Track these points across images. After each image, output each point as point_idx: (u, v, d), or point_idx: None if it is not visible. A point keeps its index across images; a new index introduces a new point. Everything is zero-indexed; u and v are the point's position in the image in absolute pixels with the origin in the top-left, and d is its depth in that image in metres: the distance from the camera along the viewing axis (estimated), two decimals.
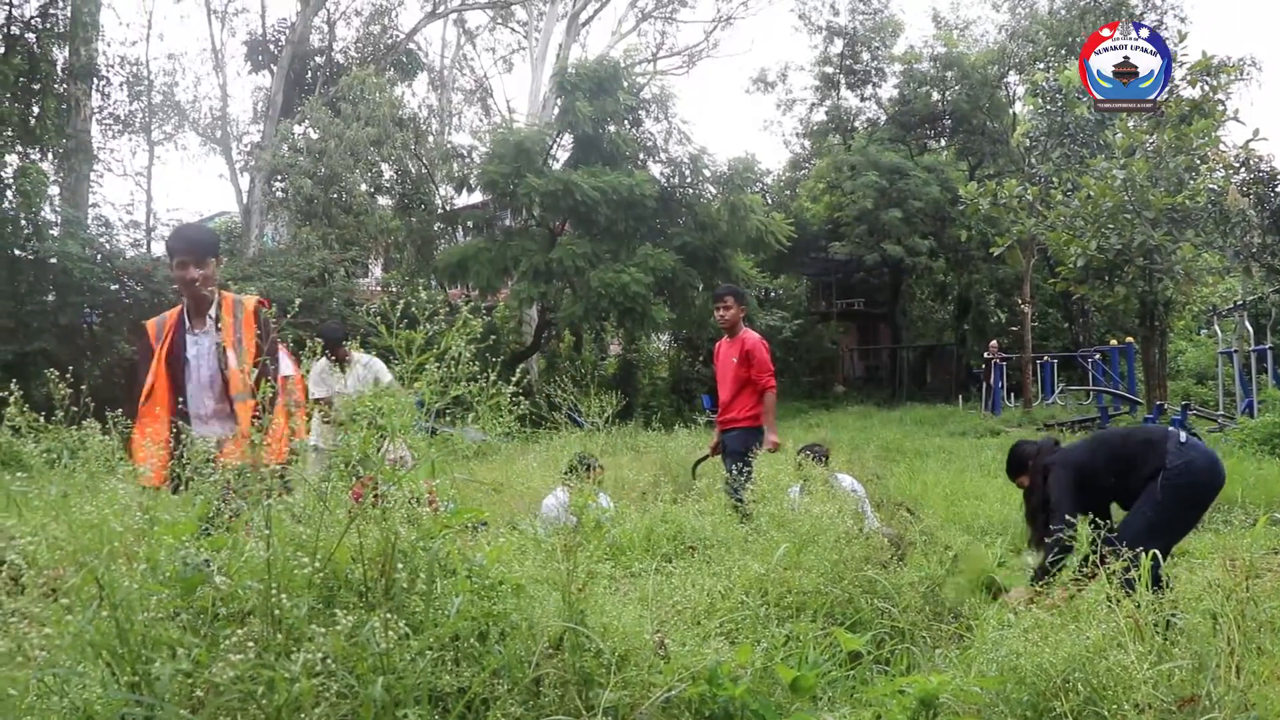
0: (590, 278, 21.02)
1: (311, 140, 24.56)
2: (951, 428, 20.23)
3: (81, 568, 2.45)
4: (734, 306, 7.88)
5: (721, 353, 8.09)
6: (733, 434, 7.72)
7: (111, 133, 28.42)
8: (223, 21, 32.88)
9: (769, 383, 7.74)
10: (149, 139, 29.43)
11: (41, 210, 20.05)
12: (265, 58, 29.78)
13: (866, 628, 4.25)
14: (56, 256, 18.85)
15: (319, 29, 30.54)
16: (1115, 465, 4.85)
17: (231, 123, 31.30)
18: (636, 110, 23.69)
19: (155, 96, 29.44)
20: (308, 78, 29.44)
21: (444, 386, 2.85)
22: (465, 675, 2.71)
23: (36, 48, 21.51)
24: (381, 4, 32.02)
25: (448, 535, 2.83)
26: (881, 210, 27.37)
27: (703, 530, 5.79)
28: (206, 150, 34.19)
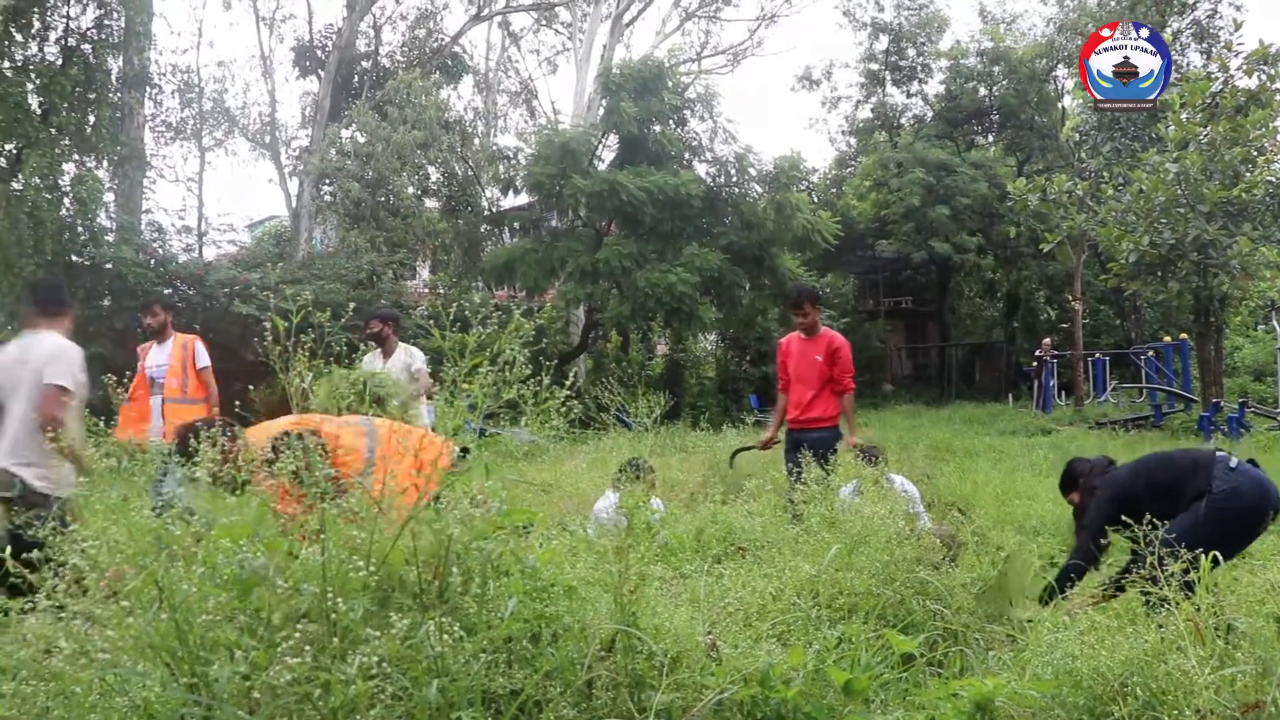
0: (637, 278, 21.00)
1: (359, 144, 24.74)
2: (1001, 426, 20.03)
3: (141, 570, 2.48)
4: (812, 311, 7.85)
5: (795, 349, 7.98)
6: (816, 434, 7.61)
7: (164, 140, 28.94)
8: (271, 28, 33.34)
9: (851, 384, 7.76)
10: (200, 145, 29.88)
11: (97, 217, 20.40)
12: (313, 63, 30.07)
13: (919, 630, 4.22)
14: (112, 262, 19.15)
15: (365, 34, 30.79)
16: (1158, 488, 4.75)
17: (280, 128, 31.69)
18: (681, 110, 23.62)
19: (206, 103, 29.88)
20: (354, 82, 29.67)
21: (497, 389, 2.86)
22: (518, 677, 2.71)
23: (92, 58, 21.85)
24: (426, 8, 32.25)
25: (500, 537, 2.84)
26: (929, 207, 27.13)
27: (753, 531, 5.78)
28: (256, 155, 34.55)
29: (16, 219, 18.38)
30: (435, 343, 2.99)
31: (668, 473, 9.00)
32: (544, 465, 10.12)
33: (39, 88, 20.14)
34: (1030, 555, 6.07)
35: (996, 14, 32.43)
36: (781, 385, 8.16)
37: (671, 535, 5.53)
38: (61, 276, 17.86)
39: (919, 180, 27.22)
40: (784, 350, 8.14)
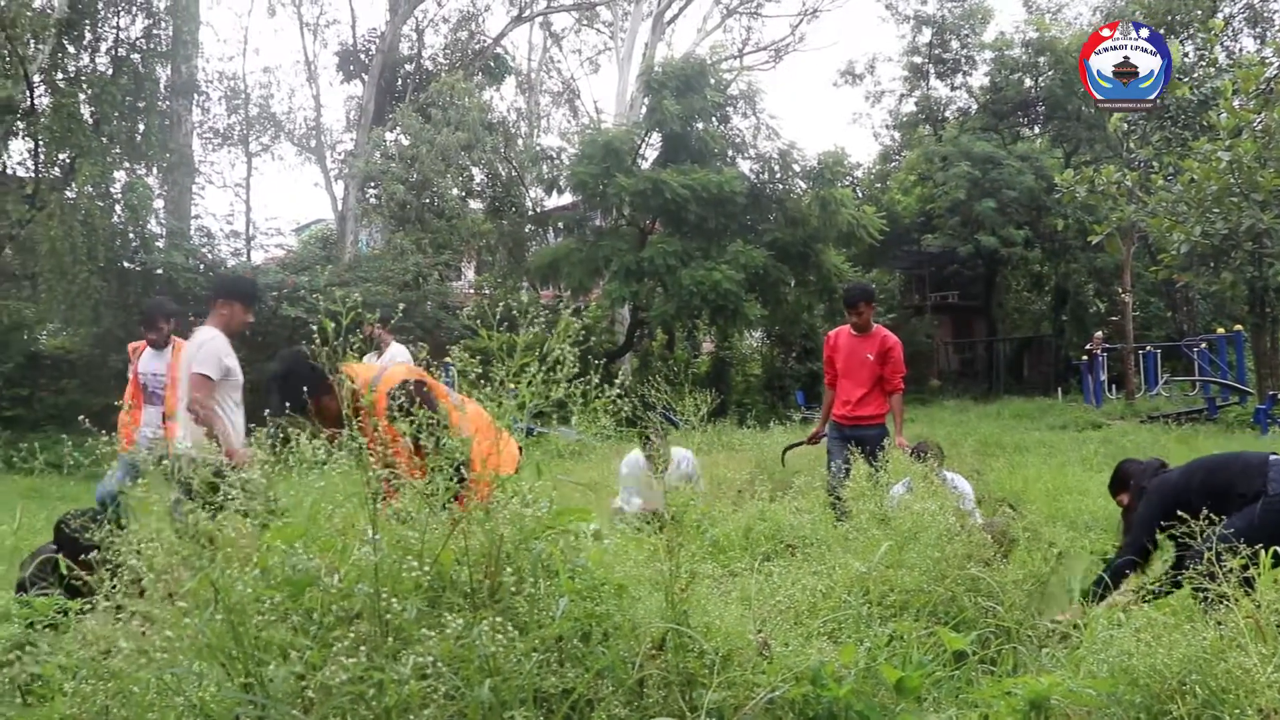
0: (681, 276, 20.98)
1: (403, 147, 24.93)
2: (1051, 421, 19.82)
3: (196, 571, 2.51)
4: (866, 310, 7.76)
5: (844, 344, 7.89)
6: (864, 431, 7.56)
7: (211, 146, 29.31)
8: (315, 34, 33.71)
9: (902, 384, 7.70)
10: (247, 151, 30.21)
11: (148, 223, 20.74)
12: (356, 67, 30.33)
13: (971, 627, 4.17)
14: (162, 267, 19.45)
15: (408, 37, 31.01)
16: (1210, 490, 4.67)
17: (325, 132, 32.00)
18: (724, 107, 23.58)
19: (252, 109, 30.23)
20: (398, 85, 29.89)
21: (546, 388, 2.87)
22: (570, 676, 2.71)
23: (141, 67, 22.21)
24: (468, 10, 32.42)
25: (550, 536, 2.84)
26: (974, 201, 26.89)
27: (801, 528, 5.75)
28: (302, 160, 34.98)
29: (70, 226, 18.69)
30: (481, 343, 3.00)
31: (715, 470, 8.98)
32: (591, 464, 10.14)
33: (90, 98, 20.50)
34: (1082, 551, 6.01)
35: (1041, 4, 32.15)
36: (828, 379, 8.08)
37: (720, 533, 5.52)
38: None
39: (964, 174, 26.98)
40: (831, 344, 8.04)
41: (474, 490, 2.87)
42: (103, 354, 18.89)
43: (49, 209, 18.92)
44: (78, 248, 18.67)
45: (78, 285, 18.97)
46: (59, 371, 19.70)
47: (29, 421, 17.49)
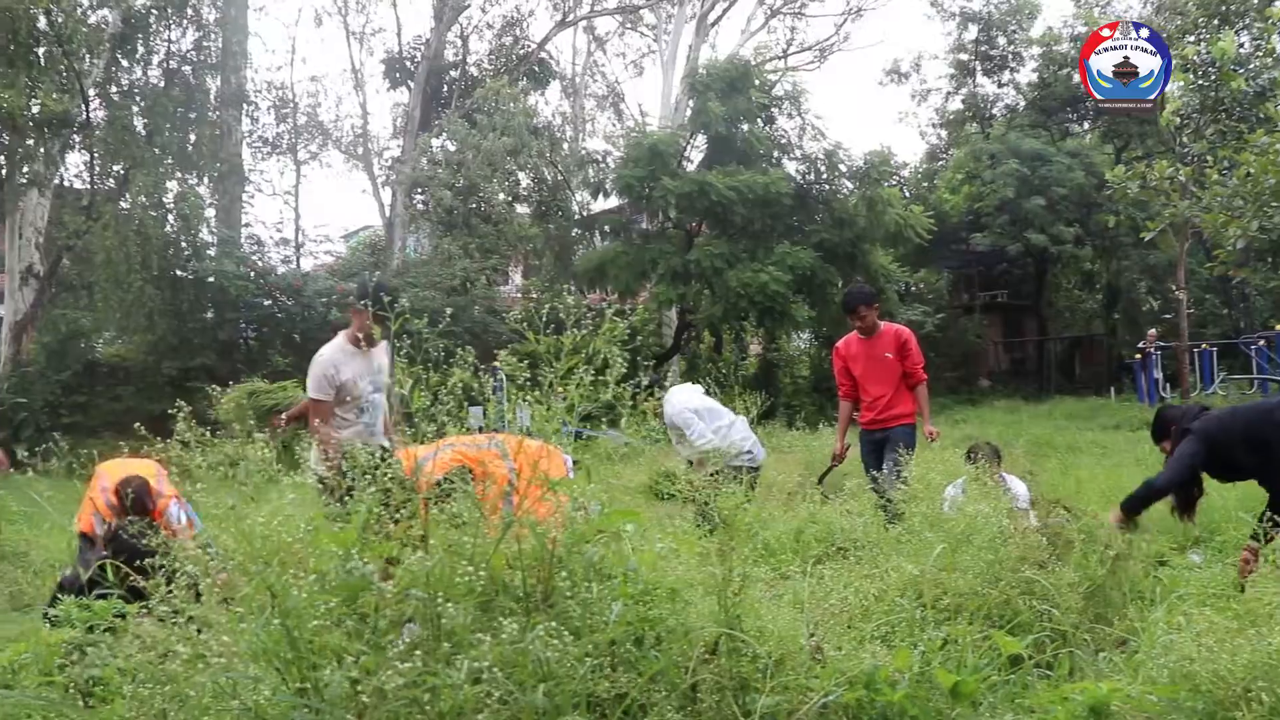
0: (728, 278, 20.93)
1: (450, 152, 25.09)
2: (1104, 421, 19.55)
3: (252, 576, 2.53)
4: (868, 313, 7.57)
5: (858, 351, 7.70)
6: (900, 430, 7.41)
7: (261, 155, 29.67)
8: (361, 42, 33.92)
9: (923, 375, 7.56)
10: (295, 159, 30.51)
11: (199, 232, 21.03)
12: (402, 75, 30.53)
13: (1026, 630, 4.11)
14: (214, 275, 19.69)
15: (453, 44, 31.19)
16: (1253, 442, 4.68)
17: (372, 139, 32.21)
18: (769, 108, 23.50)
19: (300, 118, 30.51)
20: (444, 92, 30.08)
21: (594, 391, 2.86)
22: (623, 681, 2.71)
23: (192, 79, 22.54)
24: (512, 16, 32.55)
25: (602, 540, 2.84)
26: (1023, 199, 26.57)
27: (853, 531, 5.71)
28: (350, 167, 35.27)
29: (125, 236, 19.00)
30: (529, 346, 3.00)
31: (764, 473, 8.92)
32: (640, 467, 10.13)
33: (143, 110, 20.83)
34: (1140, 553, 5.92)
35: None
36: (842, 392, 7.88)
37: (771, 536, 5.50)
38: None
39: (1013, 171, 26.69)
40: (842, 354, 7.85)
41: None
42: (157, 361, 19.17)
43: (104, 220, 19.24)
44: (132, 257, 18.97)
45: (132, 294, 19.28)
46: (115, 379, 20.00)
47: (87, 428, 17.75)
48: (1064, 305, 33.72)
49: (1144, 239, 18.21)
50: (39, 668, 3.78)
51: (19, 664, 3.88)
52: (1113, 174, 14.61)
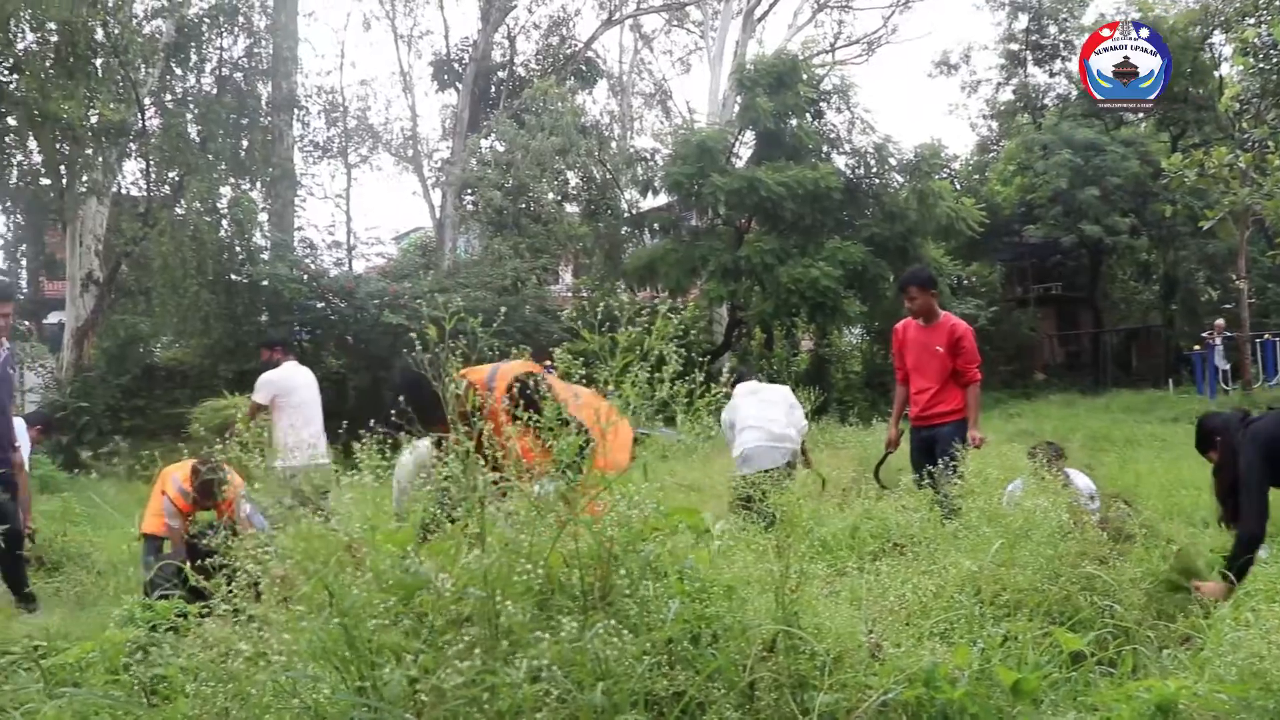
0: (779, 274, 20.87)
1: (499, 153, 25.19)
2: (1163, 413, 19.28)
3: (310, 575, 2.56)
4: (919, 295, 7.32)
5: (912, 337, 7.48)
6: (945, 429, 7.14)
7: (312, 159, 29.91)
8: (409, 45, 34.08)
9: (976, 374, 7.25)
10: (346, 162, 30.77)
11: (253, 236, 21.29)
12: (450, 76, 30.70)
13: (1087, 627, 4.05)
14: (268, 279, 19.91)
15: (500, 44, 31.30)
16: None
17: (421, 141, 32.38)
18: (817, 102, 23.38)
19: (350, 122, 30.76)
20: (492, 93, 30.21)
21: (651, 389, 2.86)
22: (680, 679, 2.70)
23: (244, 86, 22.82)
24: (559, 15, 32.63)
25: (658, 538, 2.84)
26: (1077, 189, 26.23)
27: (909, 527, 5.66)
28: (400, 169, 35.48)
29: (180, 242, 19.27)
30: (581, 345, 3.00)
31: (819, 469, 8.88)
32: (693, 464, 10.10)
33: (197, 117, 21.13)
34: (1202, 548, 5.82)
35: None
36: (899, 376, 7.69)
37: (827, 532, 5.47)
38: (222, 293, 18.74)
39: (1066, 161, 26.36)
40: (900, 337, 7.65)
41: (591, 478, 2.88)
42: (213, 364, 19.42)
43: (160, 226, 19.53)
44: (188, 262, 19.23)
45: (188, 298, 19.54)
46: (173, 382, 20.28)
47: (146, 431, 18.01)
48: (1120, 297, 33.27)
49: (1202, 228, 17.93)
50: (105, 666, 3.84)
51: (86, 662, 3.94)
52: (1169, 162, 14.39)
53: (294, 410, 8.41)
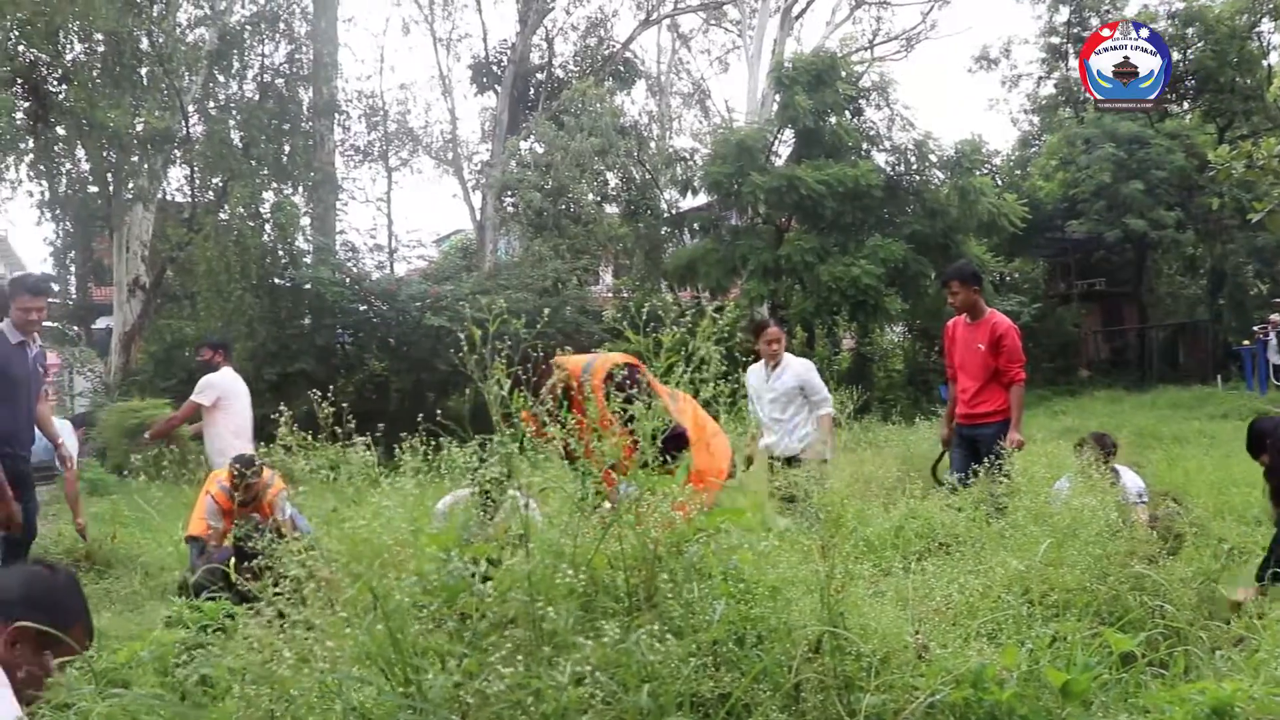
0: (820, 272, 20.81)
1: (538, 155, 25.27)
2: (1211, 410, 19.00)
3: (355, 579, 2.57)
4: (961, 290, 7.29)
5: (959, 335, 7.46)
6: (986, 430, 7.08)
7: (353, 163, 30.20)
8: (448, 49, 34.41)
9: (1019, 374, 7.15)
10: (387, 166, 31.02)
11: (296, 240, 21.45)
12: (489, 79, 30.85)
13: (1137, 628, 3.99)
14: (310, 282, 20.07)
15: (538, 47, 31.42)
16: None
17: (461, 144, 32.60)
18: (856, 100, 23.31)
19: (390, 126, 30.98)
20: (530, 95, 30.32)
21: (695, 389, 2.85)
22: (726, 681, 2.69)
23: (285, 91, 23.05)
24: (596, 16, 32.70)
25: (702, 539, 2.83)
26: (1121, 183, 25.95)
27: (954, 526, 5.60)
28: (440, 172, 35.69)
29: (225, 247, 19.48)
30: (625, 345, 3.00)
31: (862, 468, 8.84)
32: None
33: (239, 123, 21.37)
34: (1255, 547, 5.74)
35: None
36: (949, 374, 7.68)
37: (871, 532, 5.44)
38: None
39: (1109, 155, 26.08)
40: (949, 335, 7.64)
41: (695, 481, 2.87)
42: (257, 367, 19.59)
43: (205, 231, 19.76)
44: (232, 267, 19.44)
45: (233, 302, 19.74)
46: None
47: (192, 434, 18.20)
48: (1165, 292, 32.86)
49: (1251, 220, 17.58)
50: (154, 667, 3.88)
51: (136, 662, 3.99)
52: (1216, 154, 14.17)
53: (235, 415, 8.20)
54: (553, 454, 2.89)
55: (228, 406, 8.20)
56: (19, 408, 6.57)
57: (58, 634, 2.52)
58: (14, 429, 6.48)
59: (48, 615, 2.56)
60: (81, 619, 2.68)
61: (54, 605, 2.61)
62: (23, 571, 2.68)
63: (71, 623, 2.64)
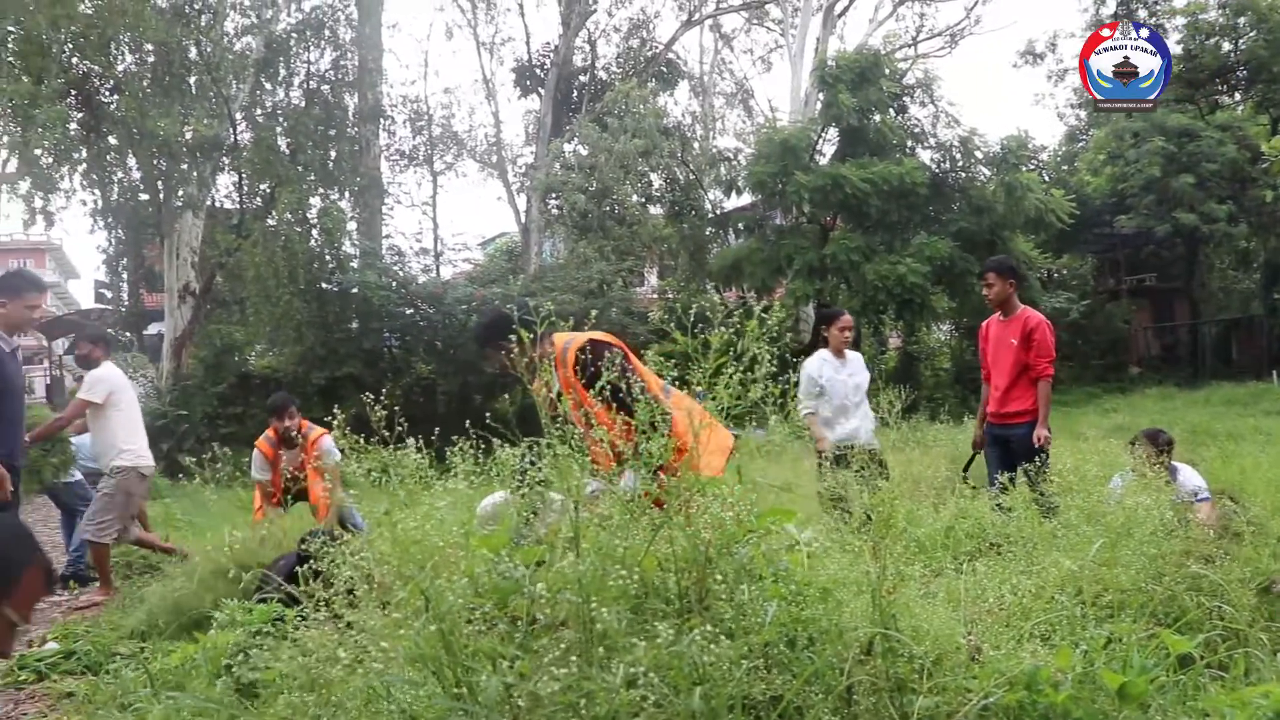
0: (865, 271, 20.71)
1: (582, 156, 25.32)
2: (1267, 406, 18.69)
3: (407, 581, 2.58)
4: (996, 282, 7.21)
5: (993, 333, 7.40)
6: (1018, 430, 7.06)
7: (398, 167, 30.41)
8: (491, 52, 34.57)
9: (1047, 370, 7.06)
10: (432, 170, 31.18)
11: (342, 245, 21.65)
12: (533, 82, 30.97)
13: (1195, 629, 3.92)
14: (357, 287, 20.24)
15: (581, 49, 31.50)
16: None
17: (505, 147, 32.71)
18: (900, 97, 23.17)
19: (435, 130, 31.15)
20: (574, 97, 30.41)
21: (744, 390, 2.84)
22: (777, 683, 2.68)
23: (331, 97, 23.28)
24: (639, 18, 32.74)
25: (753, 540, 2.82)
26: (1171, 177, 25.58)
27: (1005, 526, 5.55)
28: (484, 175, 35.80)
29: (273, 252, 19.69)
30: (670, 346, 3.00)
31: (909, 468, 8.77)
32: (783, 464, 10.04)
33: (286, 130, 21.58)
34: None
35: None
36: (984, 374, 7.58)
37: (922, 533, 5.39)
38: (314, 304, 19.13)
39: (1159, 149, 25.74)
40: (983, 334, 7.56)
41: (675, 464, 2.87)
42: (306, 371, 19.79)
43: (253, 237, 19.99)
44: (280, 272, 19.65)
45: (281, 307, 19.96)
46: (267, 390, 20.67)
47: (243, 438, 18.39)
48: (1218, 286, 32.37)
49: None
50: (207, 669, 3.93)
51: (190, 664, 4.04)
52: (1270, 145, 13.97)
53: (126, 410, 7.90)
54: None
55: (118, 402, 7.77)
56: (17, 419, 6.42)
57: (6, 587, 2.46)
58: (15, 443, 6.31)
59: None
60: (33, 562, 2.61)
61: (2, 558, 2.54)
62: None
63: (20, 571, 2.58)
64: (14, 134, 17.12)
